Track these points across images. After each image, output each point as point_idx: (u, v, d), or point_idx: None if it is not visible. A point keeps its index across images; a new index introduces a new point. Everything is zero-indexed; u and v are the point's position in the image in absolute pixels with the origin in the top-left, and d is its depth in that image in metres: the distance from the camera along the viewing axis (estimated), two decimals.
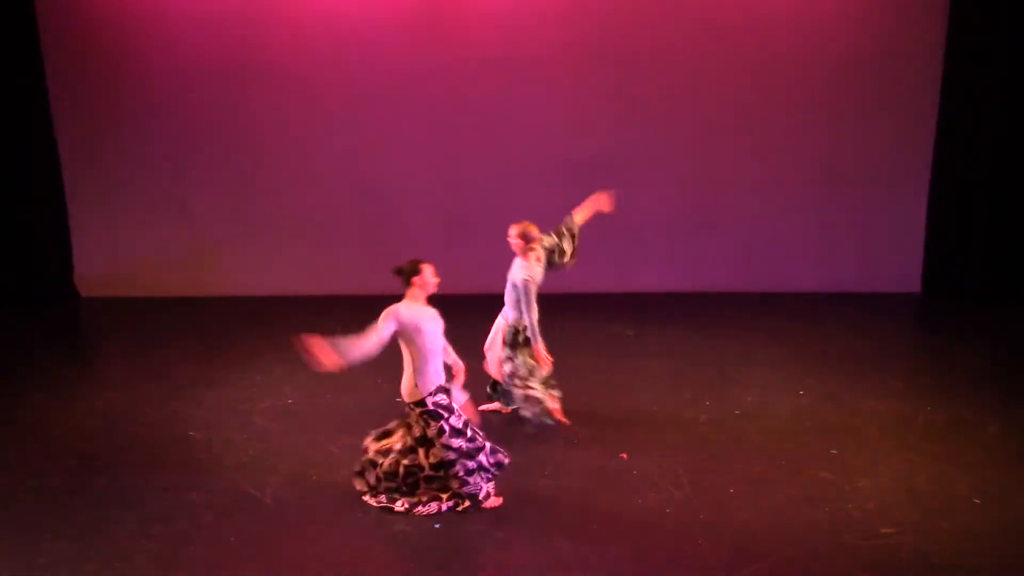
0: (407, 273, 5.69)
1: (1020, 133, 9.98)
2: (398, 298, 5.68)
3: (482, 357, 7.20)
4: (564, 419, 6.95)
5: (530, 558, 5.31)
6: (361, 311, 10.42)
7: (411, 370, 5.67)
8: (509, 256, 6.89)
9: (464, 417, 5.77)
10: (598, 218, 10.71)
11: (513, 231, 6.76)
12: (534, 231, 6.78)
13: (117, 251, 10.91)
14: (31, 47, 10.19)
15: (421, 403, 5.66)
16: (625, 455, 6.51)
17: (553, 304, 10.23)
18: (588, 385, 7.76)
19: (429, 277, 5.70)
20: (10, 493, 6.12)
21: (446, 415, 5.66)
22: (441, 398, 5.68)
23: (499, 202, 10.70)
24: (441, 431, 5.63)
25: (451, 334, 5.48)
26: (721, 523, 5.63)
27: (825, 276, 10.89)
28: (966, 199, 10.36)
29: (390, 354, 8.82)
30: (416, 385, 5.65)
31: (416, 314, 5.60)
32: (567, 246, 7.09)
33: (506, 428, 7.03)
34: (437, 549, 5.42)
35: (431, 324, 5.65)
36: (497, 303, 7.11)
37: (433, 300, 5.76)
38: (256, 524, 5.70)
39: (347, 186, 10.75)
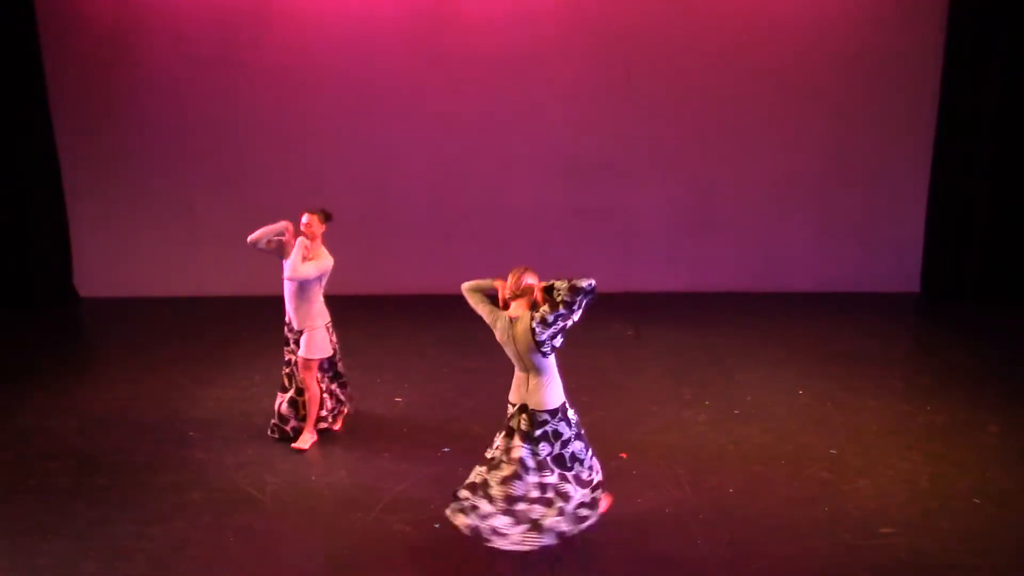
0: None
1: (1020, 133, 9.97)
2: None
3: None
4: None
5: (529, 558, 5.30)
6: (361, 311, 10.53)
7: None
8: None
9: None
10: (598, 218, 10.80)
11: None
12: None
13: (117, 251, 10.90)
14: (30, 47, 10.18)
15: None
16: (625, 455, 6.51)
17: None
18: (588, 385, 7.75)
19: None
20: (10, 493, 6.12)
21: None
22: None
23: (500, 202, 10.72)
24: None
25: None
26: (721, 523, 5.63)
27: (825, 276, 10.88)
28: (966, 199, 10.36)
29: (387, 354, 8.85)
30: None
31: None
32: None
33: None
34: (436, 549, 5.42)
35: None
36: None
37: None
38: (256, 524, 5.70)
39: (347, 185, 10.73)
